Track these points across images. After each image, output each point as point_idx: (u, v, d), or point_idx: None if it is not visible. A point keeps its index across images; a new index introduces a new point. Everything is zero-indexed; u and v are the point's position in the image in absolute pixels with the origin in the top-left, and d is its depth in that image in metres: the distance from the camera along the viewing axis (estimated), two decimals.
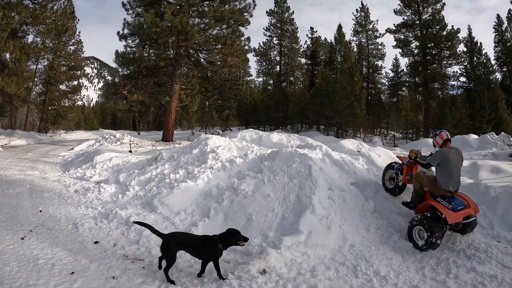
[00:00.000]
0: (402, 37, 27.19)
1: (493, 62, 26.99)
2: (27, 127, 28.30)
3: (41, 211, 5.54)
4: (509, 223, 4.70)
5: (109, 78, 65.05)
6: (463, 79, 27.29)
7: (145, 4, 16.22)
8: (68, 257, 3.82)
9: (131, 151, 12.05)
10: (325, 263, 3.87)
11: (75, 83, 28.31)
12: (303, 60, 34.11)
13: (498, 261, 3.87)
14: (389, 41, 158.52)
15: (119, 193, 6.48)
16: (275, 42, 33.46)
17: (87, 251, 4.05)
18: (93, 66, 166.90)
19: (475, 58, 26.88)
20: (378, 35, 31.15)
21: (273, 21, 32.48)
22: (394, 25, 27.09)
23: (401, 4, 26.48)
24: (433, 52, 26.23)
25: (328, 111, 20.72)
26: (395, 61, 31.21)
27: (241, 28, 16.66)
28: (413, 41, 26.84)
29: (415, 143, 17.99)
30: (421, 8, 25.73)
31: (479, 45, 26.88)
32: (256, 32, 23.05)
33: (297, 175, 5.43)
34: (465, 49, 26.78)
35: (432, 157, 4.48)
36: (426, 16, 25.76)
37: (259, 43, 39.84)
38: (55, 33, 20.12)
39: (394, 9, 26.81)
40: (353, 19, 31.37)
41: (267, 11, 32.13)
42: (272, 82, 35.47)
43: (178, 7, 15.53)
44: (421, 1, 25.63)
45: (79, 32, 28.22)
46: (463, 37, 26.34)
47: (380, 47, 31.38)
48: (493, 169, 7.19)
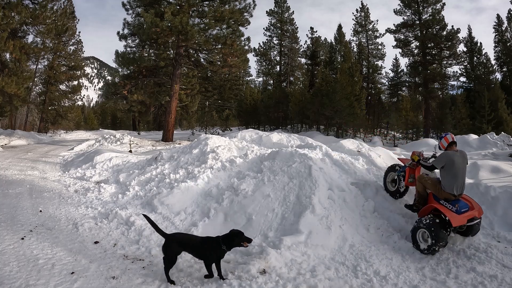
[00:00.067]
0: (402, 37, 27.21)
1: (493, 62, 27.06)
2: (27, 127, 28.29)
3: (41, 211, 5.54)
4: (509, 223, 4.71)
5: (109, 78, 65.09)
6: (463, 79, 27.35)
7: (145, 4, 16.23)
8: (68, 257, 3.82)
9: (131, 151, 12.05)
10: (325, 263, 3.87)
11: (75, 83, 28.33)
12: (303, 60, 34.16)
13: (498, 261, 3.87)
14: (389, 41, 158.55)
15: (119, 193, 6.48)
16: (275, 42, 33.47)
17: (87, 251, 4.05)
18: (93, 66, 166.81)
19: (475, 58, 26.90)
20: (378, 35, 31.19)
21: (273, 21, 32.50)
22: (394, 25, 27.15)
23: (401, 4, 26.50)
24: (433, 52, 26.23)
25: (328, 111, 20.72)
26: (395, 61, 31.27)
27: (241, 28, 16.69)
28: (413, 41, 26.85)
29: (415, 143, 18.00)
30: (421, 8, 25.74)
31: (479, 45, 26.91)
32: (256, 32, 23.07)
33: (297, 175, 5.43)
34: (465, 49, 26.83)
35: (436, 160, 4.43)
36: (426, 16, 25.77)
37: (259, 43, 39.93)
38: (55, 33, 20.13)
39: (394, 9, 26.86)
40: (353, 19, 31.43)
41: (267, 11, 32.17)
42: (272, 82, 35.47)
43: (178, 7, 15.53)
44: (421, 1, 25.64)
45: (79, 32, 28.29)
46: (463, 37, 26.40)
47: (380, 47, 31.42)
48: (493, 169, 7.20)
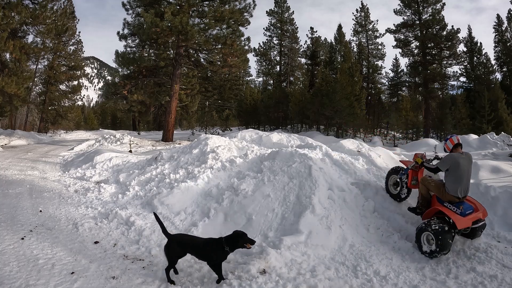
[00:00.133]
0: (402, 37, 27.20)
1: (493, 62, 27.03)
2: (27, 127, 28.29)
3: (41, 211, 5.54)
4: (509, 223, 4.71)
5: (109, 78, 65.09)
6: (463, 79, 27.33)
7: (145, 4, 16.22)
8: (68, 257, 3.82)
9: (131, 151, 12.05)
10: (325, 263, 3.87)
11: (75, 83, 28.32)
12: (303, 60, 34.13)
13: (498, 261, 3.87)
14: (389, 41, 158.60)
15: (119, 193, 6.48)
16: (275, 42, 33.46)
17: (87, 251, 4.05)
18: (93, 66, 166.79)
19: (475, 58, 26.89)
20: (378, 35, 31.17)
21: (273, 21, 32.48)
22: (394, 25, 27.13)
23: (401, 4, 26.49)
24: (433, 52, 26.23)
25: (328, 111, 20.71)
26: (395, 61, 31.24)
27: (241, 28, 16.67)
28: (413, 41, 26.84)
29: (415, 143, 17.98)
30: (421, 8, 25.73)
31: (479, 45, 26.89)
32: (256, 32, 23.06)
33: (297, 175, 5.43)
34: (465, 49, 26.82)
35: (441, 162, 4.36)
36: (426, 16, 25.76)
37: (259, 43, 39.92)
38: (55, 33, 20.12)
39: (394, 9, 26.85)
40: (353, 19, 31.41)
41: (267, 11, 32.15)
42: (272, 82, 35.46)
43: (178, 7, 15.53)
44: (421, 1, 25.63)
45: (79, 32, 28.27)
46: (463, 37, 26.38)
47: (380, 47, 31.40)
48: (493, 169, 7.19)
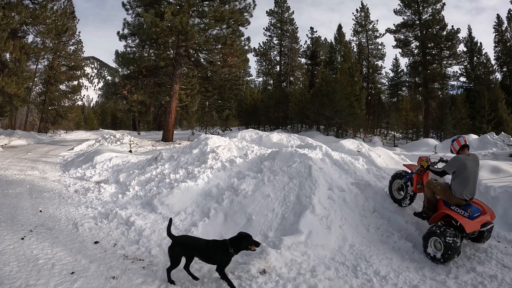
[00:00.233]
0: (402, 37, 27.20)
1: (493, 62, 27.02)
2: (27, 127, 28.28)
3: (41, 211, 5.54)
4: (509, 223, 4.71)
5: (109, 78, 65.11)
6: (463, 79, 27.33)
7: (145, 4, 16.22)
8: (68, 257, 3.82)
9: (131, 151, 12.05)
10: (325, 263, 3.87)
11: (75, 83, 28.33)
12: (303, 60, 34.14)
13: (498, 261, 3.88)
14: (389, 41, 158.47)
15: (119, 193, 6.48)
16: (275, 42, 33.45)
17: (87, 251, 4.05)
18: (93, 66, 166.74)
19: (475, 58, 26.88)
20: (378, 35, 31.16)
21: (273, 21, 32.48)
22: (394, 25, 27.13)
23: (401, 4, 26.49)
24: (433, 52, 26.22)
25: (328, 111, 20.71)
26: (395, 61, 31.23)
27: (241, 28, 16.68)
28: (413, 41, 26.84)
29: (415, 143, 17.97)
30: (421, 8, 25.73)
31: (479, 45, 26.88)
32: (256, 32, 23.07)
33: (297, 175, 5.43)
34: (465, 49, 26.80)
35: (448, 165, 4.25)
36: (426, 16, 25.76)
37: (259, 43, 39.89)
38: (55, 33, 20.13)
39: (394, 9, 26.85)
40: (353, 19, 31.41)
41: (267, 11, 32.15)
42: (272, 82, 35.46)
43: (178, 7, 15.53)
44: (421, 1, 25.63)
45: (79, 32, 28.28)
46: (463, 37, 26.37)
47: (380, 47, 31.39)
48: (493, 169, 7.19)
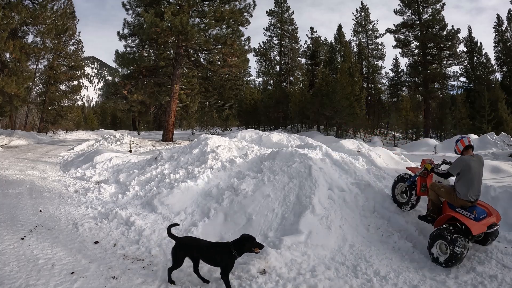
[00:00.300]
0: (402, 37, 27.21)
1: (493, 62, 27.04)
2: (27, 127, 28.29)
3: (41, 211, 5.54)
4: (509, 223, 4.70)
5: (109, 78, 65.12)
6: (463, 79, 27.35)
7: (145, 4, 16.22)
8: (68, 257, 3.82)
9: (131, 151, 12.05)
10: (325, 263, 3.87)
11: (75, 83, 28.33)
12: (303, 60, 34.16)
13: (498, 261, 3.88)
14: (389, 41, 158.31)
15: (119, 193, 6.48)
16: (275, 42, 33.46)
17: (87, 251, 4.05)
18: (93, 66, 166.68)
19: (475, 58, 26.89)
20: (378, 35, 31.19)
21: (273, 21, 32.49)
22: (394, 25, 27.15)
23: (401, 4, 26.50)
24: (433, 52, 26.23)
25: (328, 111, 20.72)
26: (395, 61, 31.26)
27: (241, 28, 16.68)
28: (413, 41, 26.85)
29: (415, 143, 17.98)
30: (421, 8, 25.74)
31: (479, 45, 26.89)
32: (256, 32, 23.06)
33: (297, 175, 5.43)
34: (465, 49, 26.82)
35: (452, 166, 4.18)
36: (426, 16, 25.77)
37: (259, 43, 39.89)
38: (55, 33, 20.12)
39: (394, 9, 26.86)
40: (353, 19, 31.43)
41: (267, 11, 32.16)
42: (272, 82, 35.46)
43: (178, 7, 15.53)
44: (421, 1, 25.64)
45: (79, 32, 28.29)
46: (463, 37, 26.39)
47: (380, 47, 31.42)
48: (493, 169, 7.20)
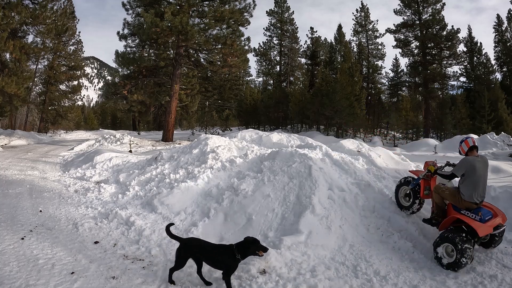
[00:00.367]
0: (402, 37, 27.23)
1: (493, 62, 27.08)
2: (27, 127, 28.29)
3: (41, 211, 5.53)
4: (509, 223, 4.69)
5: (109, 78, 65.14)
6: (463, 79, 27.37)
7: (145, 4, 16.23)
8: (68, 257, 3.82)
9: (131, 151, 12.05)
10: (325, 263, 3.87)
11: (75, 83, 28.35)
12: (303, 60, 34.18)
13: (498, 261, 3.88)
14: (389, 41, 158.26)
15: (119, 193, 6.47)
16: (275, 42, 33.48)
17: (87, 251, 4.05)
18: (93, 66, 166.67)
19: (475, 58, 26.91)
20: (378, 35, 31.22)
21: (273, 21, 32.51)
22: (394, 25, 27.19)
23: (401, 4, 26.51)
24: (433, 52, 26.25)
25: (328, 111, 20.73)
26: (395, 61, 31.29)
27: (241, 28, 16.69)
28: (413, 41, 26.88)
29: (415, 143, 17.99)
30: (421, 8, 25.75)
31: (479, 45, 26.91)
32: (256, 32, 23.08)
33: (297, 175, 5.43)
34: (465, 49, 26.85)
35: (456, 167, 4.12)
36: (426, 16, 25.78)
37: (259, 43, 39.91)
38: (55, 33, 20.13)
39: (394, 9, 26.89)
40: (353, 19, 31.45)
41: (267, 11, 32.18)
42: (272, 82, 35.47)
43: (178, 7, 15.53)
44: (421, 1, 25.65)
45: (79, 32, 28.32)
46: (463, 37, 26.42)
47: (380, 47, 31.45)
48: (493, 169, 7.20)
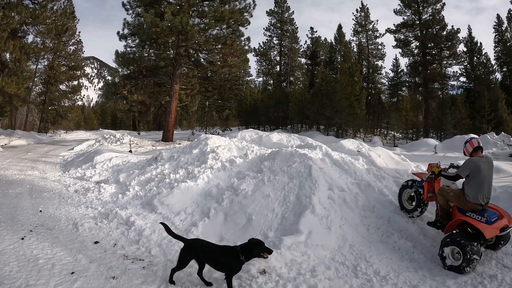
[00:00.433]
0: (402, 37, 27.24)
1: (493, 62, 27.09)
2: (27, 127, 28.30)
3: (41, 211, 5.53)
4: None
5: (109, 78, 65.12)
6: (463, 79, 27.39)
7: (145, 4, 16.23)
8: (68, 257, 3.81)
9: (131, 151, 12.05)
10: (325, 263, 3.86)
11: (75, 83, 28.37)
12: (303, 60, 34.20)
13: (498, 261, 3.87)
14: (389, 41, 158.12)
15: (119, 193, 6.47)
16: (275, 42, 33.49)
17: (87, 251, 4.04)
18: (93, 66, 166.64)
19: (475, 58, 26.91)
20: (378, 35, 31.24)
21: (273, 21, 32.52)
22: (394, 25, 27.20)
23: (401, 4, 26.52)
24: (433, 52, 26.26)
25: (328, 111, 20.74)
26: (395, 61, 31.31)
27: (241, 28, 16.71)
28: (413, 41, 26.88)
29: (415, 143, 18.00)
30: (421, 8, 25.76)
31: (479, 45, 26.92)
32: (256, 32, 23.08)
33: (297, 175, 5.43)
34: (465, 49, 26.86)
35: (461, 168, 4.08)
36: (426, 16, 25.79)
37: (259, 43, 39.90)
38: (55, 33, 20.13)
39: (394, 9, 26.91)
40: (353, 19, 31.47)
41: (267, 11, 32.19)
42: (272, 82, 35.48)
43: (178, 7, 15.53)
44: (421, 1, 25.66)
45: (79, 32, 28.35)
46: (463, 37, 26.43)
47: (380, 47, 31.47)
48: (493, 169, 7.17)
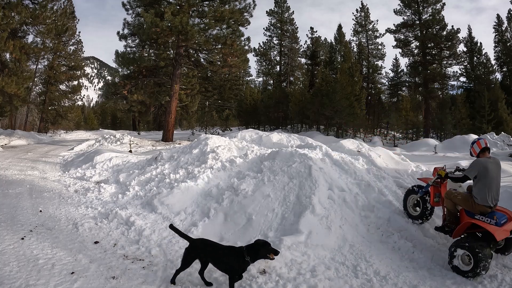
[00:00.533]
0: (402, 37, 27.24)
1: (493, 62, 27.09)
2: (27, 127, 28.30)
3: (41, 211, 5.53)
4: None
5: (109, 78, 65.15)
6: (463, 79, 27.38)
7: (145, 4, 16.23)
8: (68, 257, 3.81)
9: (131, 151, 12.05)
10: (325, 263, 3.87)
11: (75, 83, 28.38)
12: (303, 60, 34.21)
13: (498, 261, 3.88)
14: (389, 41, 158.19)
15: (119, 193, 6.47)
16: (275, 42, 33.50)
17: (87, 251, 4.04)
18: (93, 66, 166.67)
19: (475, 58, 26.91)
20: (378, 35, 31.25)
21: (273, 21, 32.53)
22: (394, 25, 27.20)
23: (401, 4, 26.52)
24: (433, 52, 26.26)
25: (328, 111, 20.74)
26: (395, 61, 31.32)
27: (241, 28, 16.71)
28: (413, 41, 26.89)
29: (415, 143, 18.00)
30: (421, 8, 25.76)
31: (479, 45, 26.92)
32: (256, 32, 23.09)
33: (297, 175, 5.43)
34: (465, 49, 26.86)
35: (468, 169, 4.03)
36: (426, 16, 25.79)
37: (259, 43, 39.93)
38: (55, 33, 20.14)
39: (394, 9, 26.91)
40: (353, 19, 31.48)
41: (267, 11, 32.19)
42: (272, 82, 35.48)
43: (178, 7, 15.53)
44: (421, 1, 25.66)
45: (79, 32, 28.37)
46: (463, 37, 26.43)
47: (380, 47, 31.47)
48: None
